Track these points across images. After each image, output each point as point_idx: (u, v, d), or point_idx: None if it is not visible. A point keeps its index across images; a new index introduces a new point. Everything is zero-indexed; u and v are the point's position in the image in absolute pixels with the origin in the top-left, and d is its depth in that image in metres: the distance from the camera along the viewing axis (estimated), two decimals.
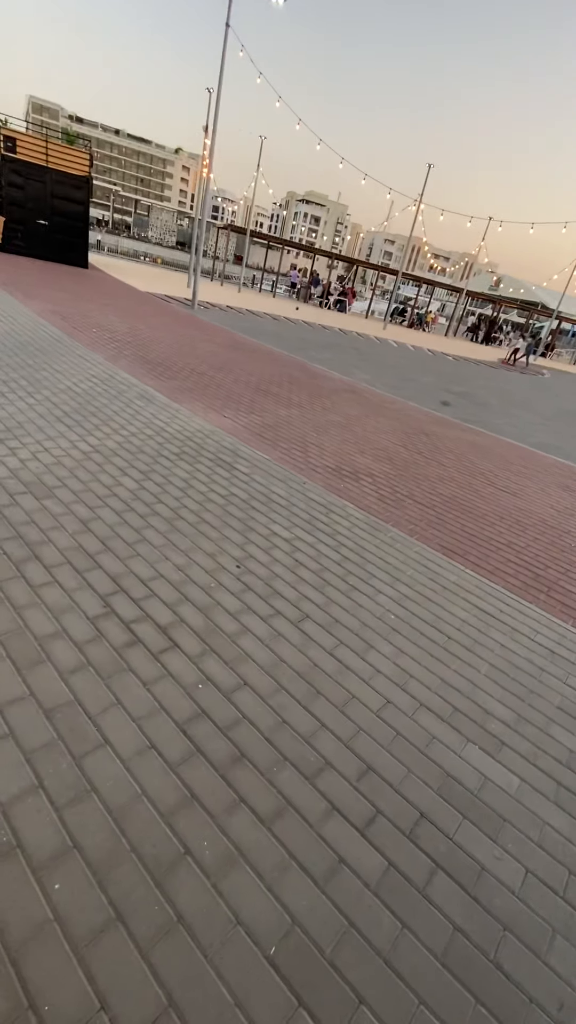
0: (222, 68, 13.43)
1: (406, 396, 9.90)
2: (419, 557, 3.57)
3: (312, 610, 2.71)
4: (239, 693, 2.09)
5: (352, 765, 1.91)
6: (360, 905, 1.48)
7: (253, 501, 3.81)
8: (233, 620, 2.49)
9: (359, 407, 7.78)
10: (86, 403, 4.88)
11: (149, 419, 4.91)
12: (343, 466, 5.01)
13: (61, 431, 4.14)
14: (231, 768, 1.78)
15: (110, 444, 4.14)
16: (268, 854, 1.54)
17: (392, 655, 2.53)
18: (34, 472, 3.40)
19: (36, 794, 1.55)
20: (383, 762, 1.95)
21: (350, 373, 10.94)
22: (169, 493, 3.60)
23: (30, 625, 2.16)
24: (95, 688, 1.95)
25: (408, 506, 4.43)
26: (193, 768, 1.74)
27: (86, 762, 1.68)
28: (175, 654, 2.20)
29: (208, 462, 4.29)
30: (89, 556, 2.70)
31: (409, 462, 5.67)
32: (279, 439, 5.32)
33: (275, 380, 8.07)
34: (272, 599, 2.72)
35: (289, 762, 1.85)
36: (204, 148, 17.41)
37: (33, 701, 1.84)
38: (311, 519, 3.74)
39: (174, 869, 1.45)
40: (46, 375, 5.37)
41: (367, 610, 2.83)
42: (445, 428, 7.91)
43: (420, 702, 2.29)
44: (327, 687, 2.23)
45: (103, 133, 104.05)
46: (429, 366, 16.68)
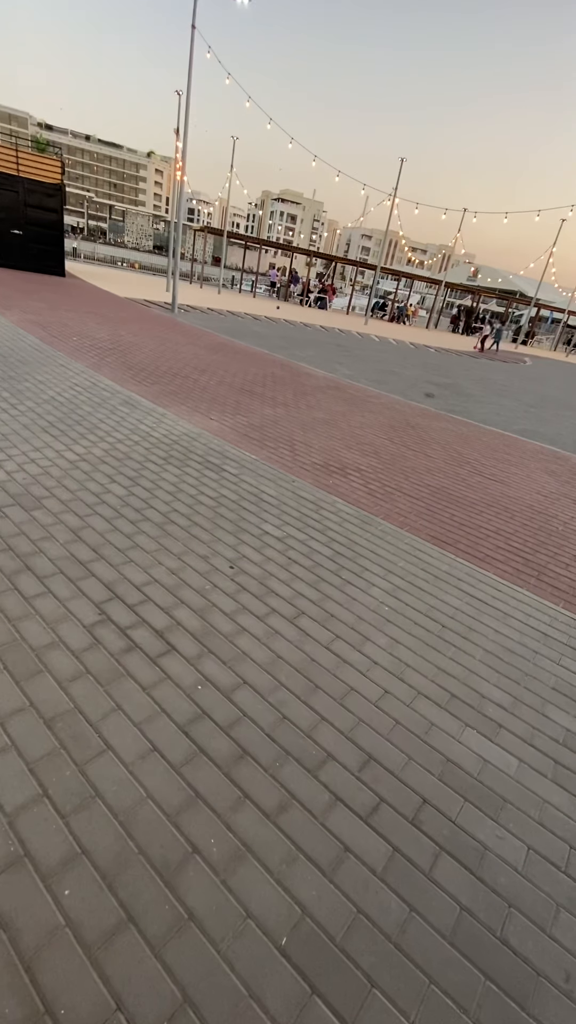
0: (190, 70, 13.38)
1: (390, 390, 9.95)
2: (410, 548, 3.60)
3: (307, 606, 2.74)
4: (239, 692, 2.10)
5: (353, 756, 1.93)
6: (368, 892, 1.51)
7: (243, 502, 3.83)
8: (229, 620, 2.51)
9: (344, 403, 7.81)
10: (70, 412, 4.86)
11: (135, 425, 4.90)
12: (331, 462, 5.04)
13: (47, 441, 4.12)
14: (234, 766, 1.79)
15: (97, 452, 4.13)
16: (275, 848, 1.56)
17: (388, 646, 2.56)
18: (21, 484, 3.38)
19: (41, 803, 1.56)
20: (384, 751, 1.98)
21: (334, 369, 10.97)
22: (159, 498, 3.61)
23: (26, 637, 2.16)
24: (95, 695, 1.95)
25: (397, 499, 4.47)
26: (197, 768, 1.76)
27: (89, 769, 1.69)
28: (173, 657, 2.21)
29: (196, 465, 4.29)
30: (82, 565, 2.70)
31: (396, 455, 5.71)
32: (266, 439, 5.34)
33: (259, 380, 8.08)
34: (267, 598, 2.74)
35: (292, 757, 1.87)
36: (176, 151, 17.34)
37: (33, 712, 1.84)
38: (302, 516, 3.77)
39: (183, 868, 1.46)
40: (28, 386, 5.34)
41: (361, 603, 2.86)
42: (430, 420, 7.98)
43: (418, 690, 2.32)
44: (326, 681, 2.26)
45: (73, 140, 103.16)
46: (412, 359, 16.77)
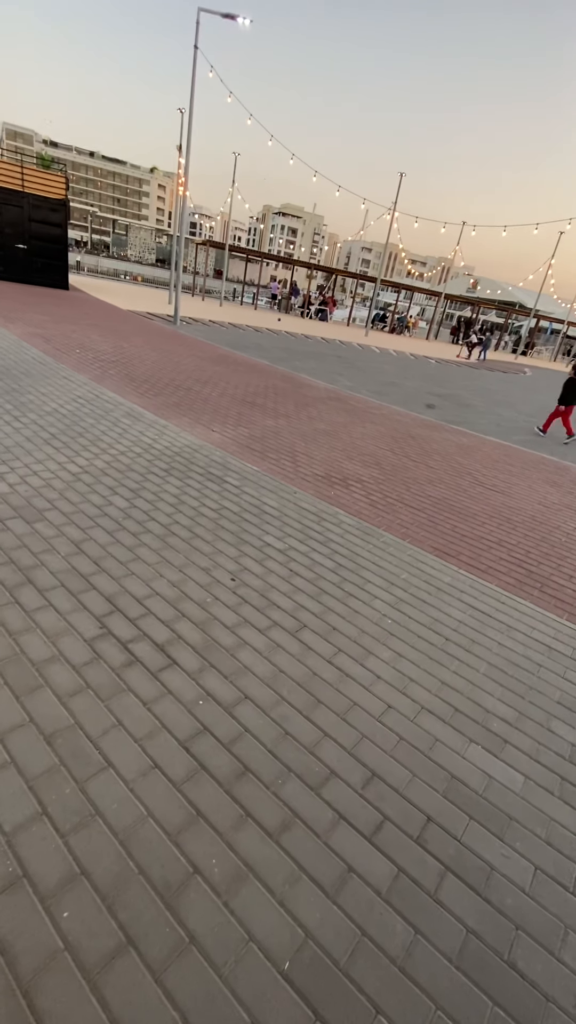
0: (192, 89, 13.64)
1: (391, 401, 9.99)
2: (413, 560, 3.59)
3: (309, 619, 2.72)
4: (240, 707, 2.08)
5: (357, 773, 1.91)
6: (372, 913, 1.48)
7: (245, 513, 3.82)
8: (231, 634, 2.49)
9: (345, 414, 7.84)
10: (73, 424, 4.88)
11: (137, 437, 4.92)
12: (332, 473, 5.04)
13: (49, 453, 4.13)
14: (236, 783, 1.77)
15: (99, 464, 4.14)
16: (277, 868, 1.54)
17: (391, 660, 2.54)
18: (23, 496, 3.39)
19: (40, 821, 1.54)
20: (387, 768, 1.96)
21: (335, 381, 11.03)
22: (160, 510, 3.61)
23: (26, 651, 2.15)
24: (95, 711, 1.94)
25: (399, 510, 4.47)
26: (198, 786, 1.74)
27: (89, 786, 1.67)
28: (174, 671, 2.20)
29: (198, 477, 4.30)
30: (83, 577, 2.70)
31: (398, 466, 5.72)
32: (267, 450, 5.35)
33: (260, 391, 8.13)
34: (269, 610, 2.73)
35: (294, 773, 1.85)
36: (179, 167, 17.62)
37: (33, 727, 1.83)
38: (304, 528, 3.76)
39: (184, 889, 1.44)
40: (31, 398, 5.37)
41: (364, 616, 2.84)
42: (431, 430, 8.00)
43: (421, 705, 2.30)
44: (328, 696, 2.24)
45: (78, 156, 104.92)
46: (412, 370, 16.86)
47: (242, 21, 13.38)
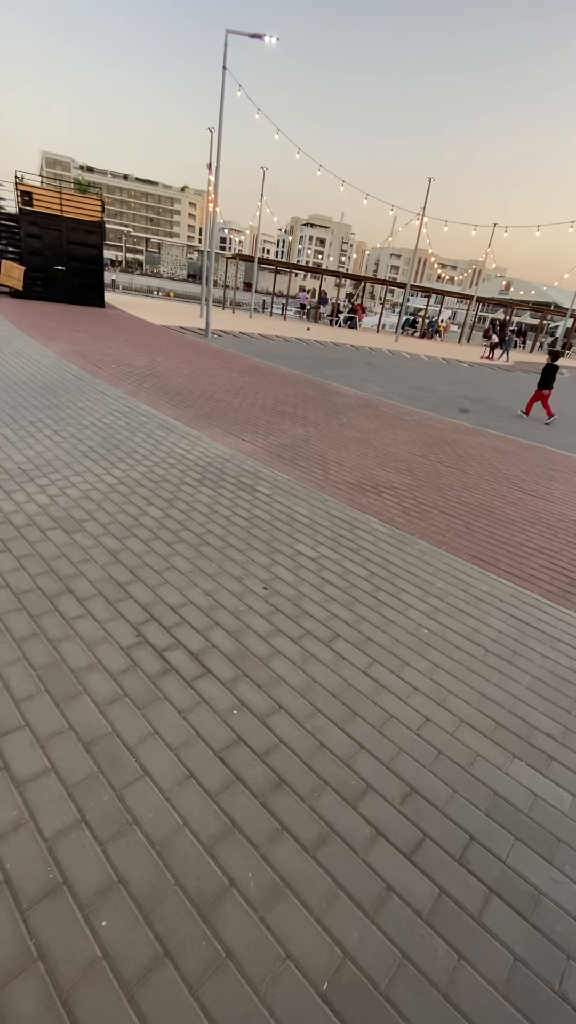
0: (221, 108, 13.99)
1: (423, 406, 9.86)
2: (448, 568, 3.51)
3: (343, 628, 2.69)
4: (274, 717, 2.07)
5: (395, 787, 1.86)
6: (413, 936, 1.42)
7: (276, 522, 3.83)
8: (264, 643, 2.49)
9: (376, 421, 7.78)
10: (109, 437, 5.02)
11: (171, 448, 5.01)
12: (364, 481, 5.00)
13: (87, 466, 4.26)
14: (271, 795, 1.75)
15: (134, 475, 4.23)
16: (314, 884, 1.51)
17: (428, 671, 2.48)
18: (63, 507, 3.50)
19: (79, 829, 1.56)
20: (426, 783, 1.90)
21: (365, 388, 10.98)
22: (194, 519, 3.65)
23: (66, 658, 2.20)
24: (132, 719, 1.96)
25: (433, 517, 4.38)
26: (233, 796, 1.72)
27: (127, 794, 1.68)
28: (208, 680, 2.20)
29: (230, 486, 4.34)
30: (120, 586, 2.75)
31: (431, 472, 5.62)
32: (298, 458, 5.36)
33: (291, 400, 8.16)
34: (301, 619, 2.71)
35: (330, 787, 1.82)
36: (209, 184, 18.05)
37: (72, 734, 1.86)
38: (335, 536, 3.73)
39: (220, 902, 1.43)
40: (70, 413, 5.56)
41: (399, 626, 2.79)
42: (465, 435, 7.83)
43: (461, 719, 2.23)
44: (363, 707, 2.19)
45: (112, 179, 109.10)
46: (444, 374, 16.62)
47: (268, 40, 13.66)
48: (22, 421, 5.06)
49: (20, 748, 1.77)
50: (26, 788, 1.65)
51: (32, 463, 4.12)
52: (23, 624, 2.36)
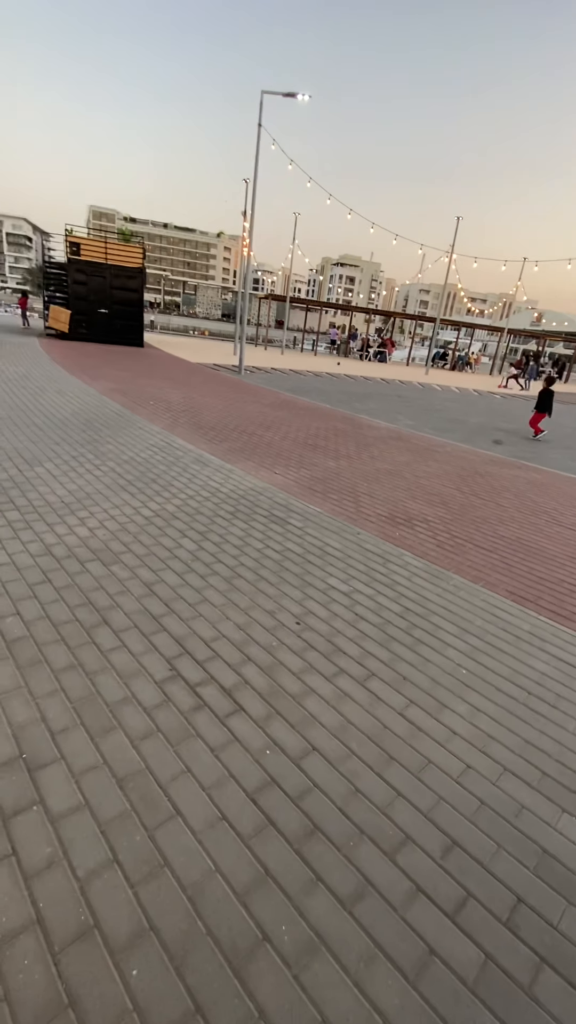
0: (256, 161, 14.83)
1: (455, 438, 9.80)
2: (486, 605, 3.40)
3: (378, 667, 2.62)
4: (308, 759, 2.02)
5: (435, 840, 1.77)
6: (458, 1006, 1.33)
7: (308, 555, 3.82)
8: (296, 680, 2.45)
9: (408, 453, 7.77)
10: (147, 471, 5.18)
11: (205, 481, 5.12)
12: (396, 514, 4.96)
13: (125, 499, 4.39)
14: (305, 842, 1.69)
15: (170, 508, 4.33)
16: (351, 942, 1.43)
17: (468, 714, 2.38)
18: (102, 539, 3.60)
19: (112, 869, 1.54)
20: (469, 836, 1.80)
21: (395, 420, 11.02)
22: (226, 552, 3.69)
23: (102, 691, 2.22)
24: (165, 755, 1.95)
25: (469, 551, 4.28)
26: (266, 842, 1.68)
27: (159, 835, 1.65)
28: (241, 718, 2.18)
29: (262, 519, 4.38)
30: (154, 619, 2.78)
31: (465, 505, 5.53)
32: (330, 491, 5.38)
33: (322, 434, 8.26)
34: (335, 656, 2.66)
35: (366, 836, 1.74)
36: (244, 230, 18.98)
37: (106, 770, 1.86)
38: (368, 570, 3.69)
39: (253, 956, 1.37)
40: (110, 447, 5.78)
41: (436, 665, 2.70)
42: (500, 467, 7.71)
43: (504, 766, 2.12)
44: (400, 751, 2.12)
45: (153, 228, 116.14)
46: (477, 406, 16.53)
47: (301, 98, 14.51)
48: (65, 456, 5.29)
49: (56, 782, 1.78)
50: (60, 824, 1.65)
51: (74, 496, 4.28)
52: (61, 655, 2.40)
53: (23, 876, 1.49)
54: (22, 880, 1.48)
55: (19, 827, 1.62)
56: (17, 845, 1.57)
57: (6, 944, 1.32)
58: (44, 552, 3.31)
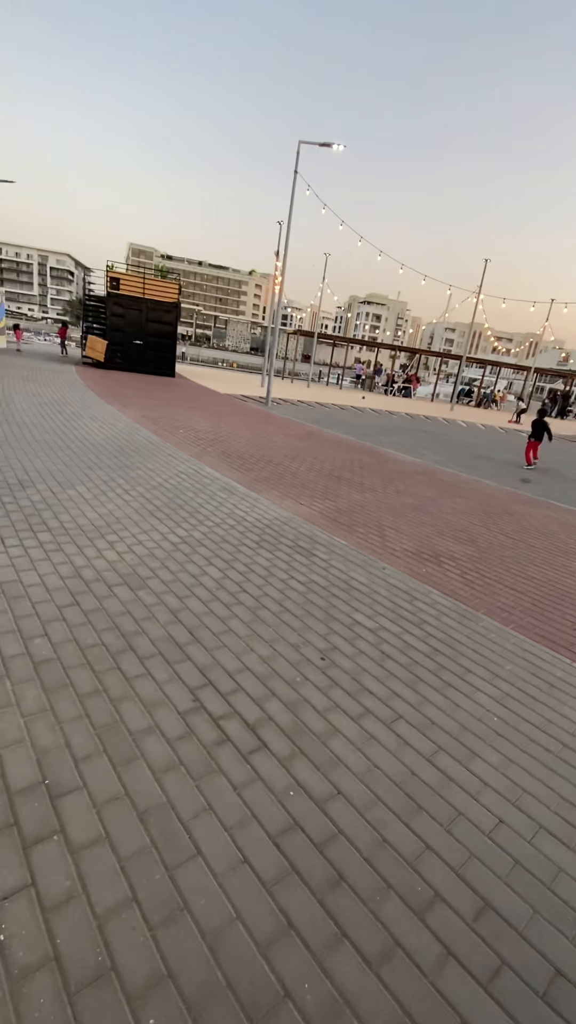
0: (291, 206, 15.50)
1: (481, 475, 9.72)
2: (517, 649, 3.30)
3: (405, 709, 2.55)
4: (333, 803, 1.95)
5: (466, 900, 1.67)
6: None
7: (333, 588, 3.79)
8: (321, 719, 2.39)
9: (433, 488, 7.73)
10: (175, 497, 5.26)
11: (231, 509, 5.17)
12: (423, 549, 4.90)
13: (153, 524, 4.45)
14: (330, 893, 1.62)
15: (196, 535, 4.37)
16: (379, 1008, 1.35)
17: (500, 765, 2.28)
18: (130, 564, 3.64)
19: (130, 908, 1.49)
20: (502, 898, 1.70)
21: (421, 455, 11.02)
22: (251, 582, 3.68)
23: (125, 719, 2.21)
24: (186, 790, 1.91)
25: (499, 592, 4.18)
26: (289, 890, 1.61)
27: (179, 875, 1.61)
28: (264, 755, 2.13)
29: (287, 549, 4.38)
30: (179, 647, 2.77)
31: (494, 544, 5.43)
32: (355, 523, 5.36)
33: (347, 466, 8.30)
34: (361, 696, 2.60)
35: (393, 890, 1.66)
36: (276, 269, 19.70)
37: (128, 802, 1.83)
38: (395, 607, 3.63)
39: (274, 1015, 1.30)
40: (140, 473, 5.91)
41: (466, 711, 2.61)
42: (529, 507, 7.59)
43: (539, 823, 2.01)
44: (429, 801, 2.03)
45: (188, 265, 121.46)
46: (502, 443, 16.43)
47: (336, 147, 15.23)
48: (97, 480, 5.42)
49: (77, 811, 1.76)
50: (80, 856, 1.62)
51: (104, 520, 4.37)
52: (87, 680, 2.40)
53: (41, 909, 1.45)
54: (40, 913, 1.44)
55: (39, 856, 1.60)
56: (37, 875, 1.54)
57: (24, 981, 1.29)
58: (73, 574, 3.37)
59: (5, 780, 1.83)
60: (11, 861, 1.57)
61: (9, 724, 2.08)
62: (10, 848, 1.61)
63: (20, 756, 1.94)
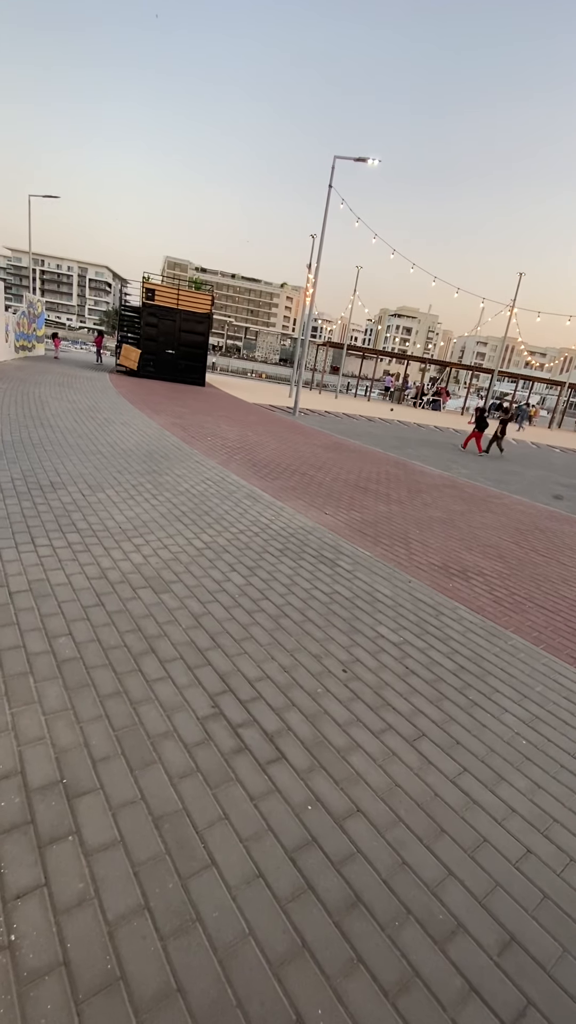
0: (324, 219, 15.66)
1: (512, 490, 9.50)
2: (548, 671, 3.17)
3: (428, 727, 2.47)
4: (352, 821, 1.89)
5: (490, 932, 1.58)
6: None
7: (357, 600, 3.73)
8: (342, 732, 2.33)
9: (462, 502, 7.58)
10: (201, 503, 5.29)
11: (256, 517, 5.17)
12: (450, 564, 4.79)
13: (179, 529, 4.48)
14: (346, 915, 1.56)
15: (221, 541, 4.38)
16: None
17: (528, 791, 2.17)
18: (154, 567, 3.66)
19: (142, 916, 1.47)
20: (530, 934, 1.60)
21: (449, 468, 10.85)
22: (274, 590, 3.66)
23: (144, 722, 2.19)
24: (203, 798, 1.87)
25: (529, 610, 4.05)
26: (304, 909, 1.55)
27: (192, 885, 1.57)
28: (282, 767, 2.08)
29: (311, 558, 4.34)
30: (200, 652, 2.76)
31: (524, 560, 5.27)
32: (380, 535, 5.29)
33: (373, 477, 8.23)
34: (383, 711, 2.53)
35: (413, 917, 1.59)
36: (307, 281, 19.87)
37: (143, 806, 1.81)
38: (420, 621, 3.55)
39: None
40: (168, 479, 5.98)
41: (492, 732, 2.51)
42: (562, 524, 7.37)
43: (570, 856, 1.90)
44: (452, 824, 1.95)
45: (221, 278, 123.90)
46: (534, 459, 16.06)
47: (371, 162, 15.35)
48: (125, 484, 5.50)
49: (93, 813, 1.75)
50: (94, 859, 1.60)
51: (131, 523, 4.42)
52: (108, 681, 2.41)
53: (53, 911, 1.44)
54: (52, 916, 1.43)
55: (54, 857, 1.59)
56: (50, 876, 1.53)
57: (32, 984, 1.27)
58: (100, 575, 3.40)
59: (24, 777, 1.83)
60: (26, 860, 1.56)
61: (31, 721, 2.09)
62: (26, 846, 1.60)
63: (40, 754, 1.94)
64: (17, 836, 1.63)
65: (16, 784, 1.80)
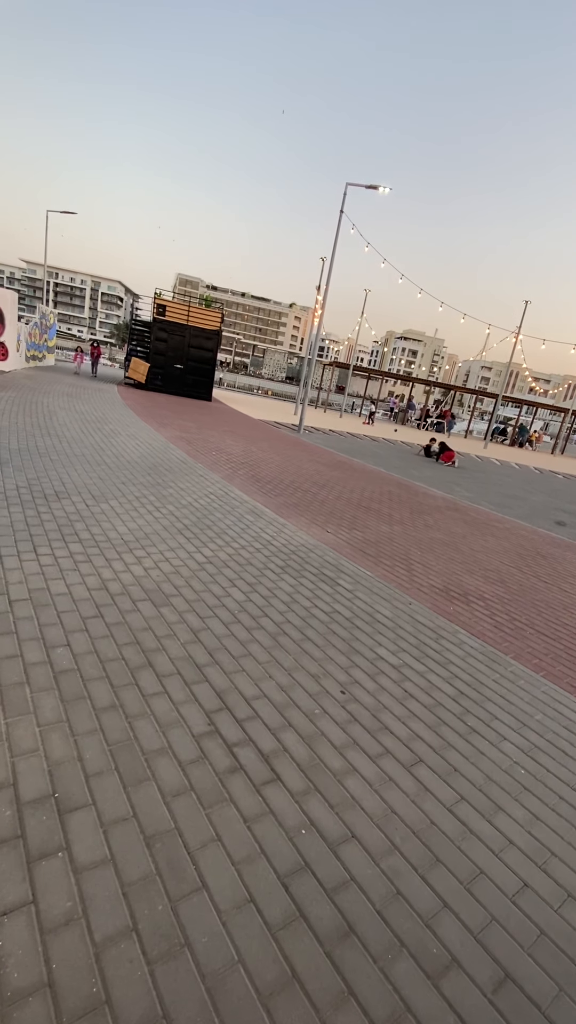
0: (335, 244, 15.98)
1: (514, 515, 9.50)
2: (548, 699, 3.13)
3: (426, 753, 2.43)
4: (346, 847, 1.85)
5: (485, 969, 1.54)
6: None
7: (357, 620, 3.71)
8: (338, 755, 2.31)
9: (464, 525, 7.58)
10: (203, 517, 5.31)
11: (258, 533, 5.17)
12: (451, 587, 4.77)
13: (180, 543, 4.49)
14: (338, 946, 1.52)
15: (222, 556, 4.38)
16: None
17: (526, 822, 2.14)
18: (155, 580, 3.66)
19: (129, 939, 1.43)
20: (526, 972, 1.56)
21: (452, 491, 10.87)
22: (274, 607, 3.64)
23: (139, 737, 2.17)
24: (196, 818, 1.85)
25: (530, 636, 4.02)
26: (295, 937, 1.52)
27: (182, 907, 1.54)
28: (277, 788, 2.06)
29: (312, 576, 4.33)
30: (197, 668, 2.74)
31: (526, 586, 5.25)
32: (382, 555, 5.28)
33: (376, 497, 8.25)
34: (380, 735, 2.50)
35: (407, 950, 1.55)
36: (316, 303, 20.20)
37: (135, 824, 1.78)
38: (420, 644, 3.52)
39: None
40: (171, 492, 6.00)
41: (491, 760, 2.48)
42: (564, 550, 7.35)
43: (568, 892, 1.86)
44: (448, 854, 1.91)
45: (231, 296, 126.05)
46: (537, 484, 16.08)
47: (382, 190, 15.71)
48: (129, 496, 5.53)
49: (84, 829, 1.72)
50: (83, 877, 1.57)
51: (133, 535, 4.43)
52: (104, 694, 2.39)
53: (40, 930, 1.41)
54: (38, 934, 1.40)
55: (42, 873, 1.56)
56: (38, 893, 1.50)
57: (16, 1005, 1.24)
58: (100, 586, 3.40)
59: (16, 790, 1.81)
60: (14, 876, 1.54)
61: (25, 732, 2.07)
62: (15, 862, 1.58)
63: (33, 766, 1.92)
64: (6, 851, 1.61)
65: (8, 797, 1.78)
